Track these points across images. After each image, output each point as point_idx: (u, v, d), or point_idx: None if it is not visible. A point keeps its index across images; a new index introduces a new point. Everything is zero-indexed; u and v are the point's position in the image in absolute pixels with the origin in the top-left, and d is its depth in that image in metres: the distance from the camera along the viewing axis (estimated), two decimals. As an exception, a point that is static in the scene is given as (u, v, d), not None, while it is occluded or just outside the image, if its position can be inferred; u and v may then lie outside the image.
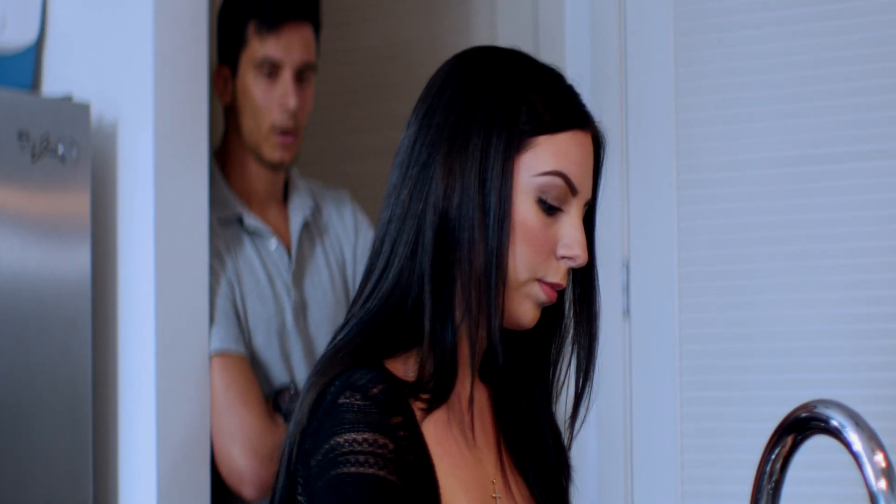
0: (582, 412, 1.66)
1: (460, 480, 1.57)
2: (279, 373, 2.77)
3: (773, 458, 1.57)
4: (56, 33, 2.65)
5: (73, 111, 2.47)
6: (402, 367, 1.59)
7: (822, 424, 1.50)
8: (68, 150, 2.44)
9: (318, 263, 2.88)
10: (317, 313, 2.84)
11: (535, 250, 1.59)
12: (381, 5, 3.64)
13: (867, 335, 2.92)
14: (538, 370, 1.69)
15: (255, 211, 2.84)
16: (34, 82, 2.65)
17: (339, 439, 1.48)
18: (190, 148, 2.59)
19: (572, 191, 1.60)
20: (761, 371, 3.01)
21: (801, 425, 1.54)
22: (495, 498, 1.62)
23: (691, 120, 3.12)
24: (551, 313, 1.67)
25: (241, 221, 2.80)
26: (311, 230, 2.90)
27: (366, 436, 1.48)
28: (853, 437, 1.46)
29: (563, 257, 1.60)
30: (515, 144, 1.58)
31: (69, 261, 2.45)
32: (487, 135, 1.58)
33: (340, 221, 2.94)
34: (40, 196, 2.42)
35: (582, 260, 1.60)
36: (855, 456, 1.45)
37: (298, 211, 2.88)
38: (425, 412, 1.56)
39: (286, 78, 2.79)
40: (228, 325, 2.67)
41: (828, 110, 2.98)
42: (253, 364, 2.72)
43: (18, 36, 2.60)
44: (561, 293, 1.64)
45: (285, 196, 2.91)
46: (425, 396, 1.56)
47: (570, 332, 1.67)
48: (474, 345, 1.60)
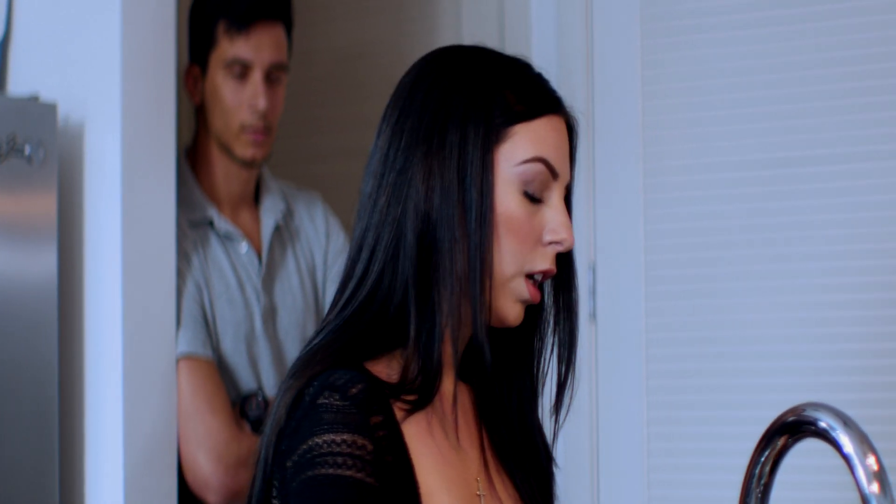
0: (566, 400, 1.66)
1: (443, 479, 1.56)
2: (247, 378, 2.75)
3: (762, 461, 1.56)
4: (22, 32, 2.63)
5: (40, 111, 2.45)
6: (385, 370, 1.57)
7: (811, 427, 1.50)
8: (35, 151, 2.41)
9: (289, 268, 2.86)
10: (286, 318, 2.82)
11: (521, 240, 1.59)
12: (347, 4, 3.62)
13: (836, 339, 2.92)
14: (523, 366, 1.69)
15: (226, 213, 2.81)
16: (-1, 82, 2.63)
17: (317, 440, 1.47)
18: (157, 149, 2.58)
19: (553, 175, 1.60)
20: (728, 375, 3.01)
21: (791, 428, 1.53)
22: (479, 496, 1.61)
23: (658, 123, 3.12)
24: (531, 308, 1.66)
25: (211, 224, 2.78)
26: (282, 234, 2.87)
27: (345, 437, 1.47)
28: (844, 439, 1.46)
29: (551, 242, 1.60)
30: (493, 137, 1.58)
31: (35, 262, 2.43)
32: (464, 131, 1.57)
33: (312, 225, 2.92)
34: (6, 197, 2.40)
35: (569, 243, 1.61)
36: (846, 458, 1.45)
37: (270, 214, 2.86)
38: (407, 413, 1.55)
39: (256, 79, 2.76)
40: (196, 328, 2.65)
41: (796, 113, 2.98)
42: (220, 368, 2.70)
43: (-17, 35, 2.58)
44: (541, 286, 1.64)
45: (257, 197, 2.88)
46: (410, 398, 1.55)
47: (551, 322, 1.68)
48: (457, 344, 1.59)
